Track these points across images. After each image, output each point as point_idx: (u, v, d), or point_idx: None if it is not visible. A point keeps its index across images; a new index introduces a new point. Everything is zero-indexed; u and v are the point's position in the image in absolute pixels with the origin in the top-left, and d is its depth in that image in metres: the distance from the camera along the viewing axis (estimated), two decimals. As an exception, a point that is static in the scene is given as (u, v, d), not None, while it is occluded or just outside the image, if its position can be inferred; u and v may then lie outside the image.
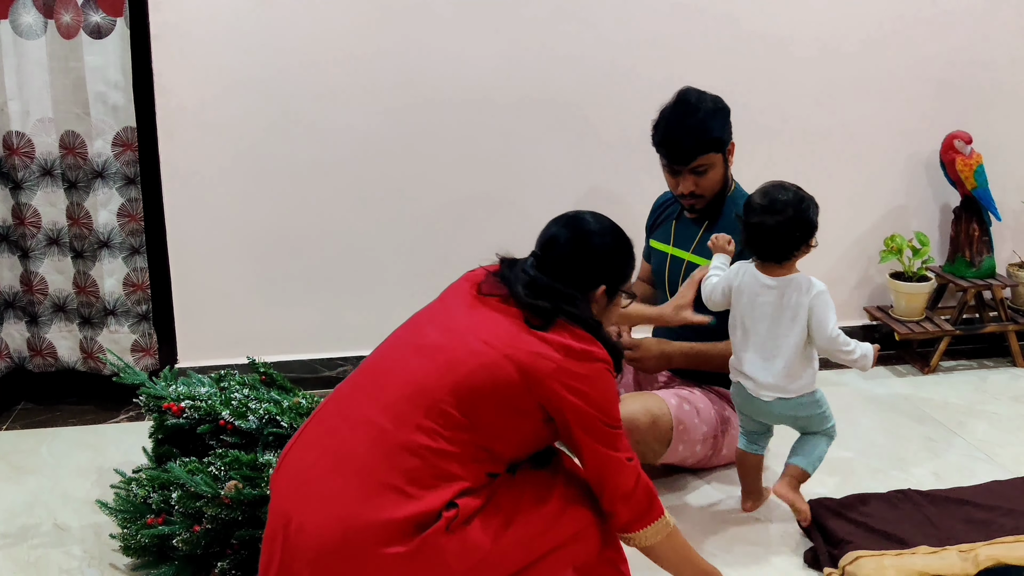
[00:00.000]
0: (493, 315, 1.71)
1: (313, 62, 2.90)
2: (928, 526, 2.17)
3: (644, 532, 1.76)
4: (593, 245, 1.79)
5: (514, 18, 2.96)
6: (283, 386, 2.42)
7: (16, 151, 2.76)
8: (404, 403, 1.63)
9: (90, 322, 2.92)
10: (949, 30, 3.21)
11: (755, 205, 2.08)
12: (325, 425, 1.71)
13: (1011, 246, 3.47)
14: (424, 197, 3.07)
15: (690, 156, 2.37)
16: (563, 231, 1.80)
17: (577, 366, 1.66)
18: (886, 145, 3.30)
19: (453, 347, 1.67)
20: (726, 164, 2.45)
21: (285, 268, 3.05)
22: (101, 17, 2.69)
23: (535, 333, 1.66)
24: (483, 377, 1.62)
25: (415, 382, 1.65)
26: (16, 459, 2.65)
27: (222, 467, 2.03)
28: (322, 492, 1.60)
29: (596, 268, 1.79)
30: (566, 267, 1.77)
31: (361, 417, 1.66)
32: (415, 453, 1.59)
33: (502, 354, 1.63)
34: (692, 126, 2.36)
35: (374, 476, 1.58)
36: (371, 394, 1.68)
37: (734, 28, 3.09)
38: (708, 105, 2.39)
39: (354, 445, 1.62)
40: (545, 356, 1.64)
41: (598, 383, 1.68)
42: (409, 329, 1.81)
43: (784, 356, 2.11)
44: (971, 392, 3.08)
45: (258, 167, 2.96)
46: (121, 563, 2.13)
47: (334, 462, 1.63)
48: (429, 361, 1.67)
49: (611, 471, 1.72)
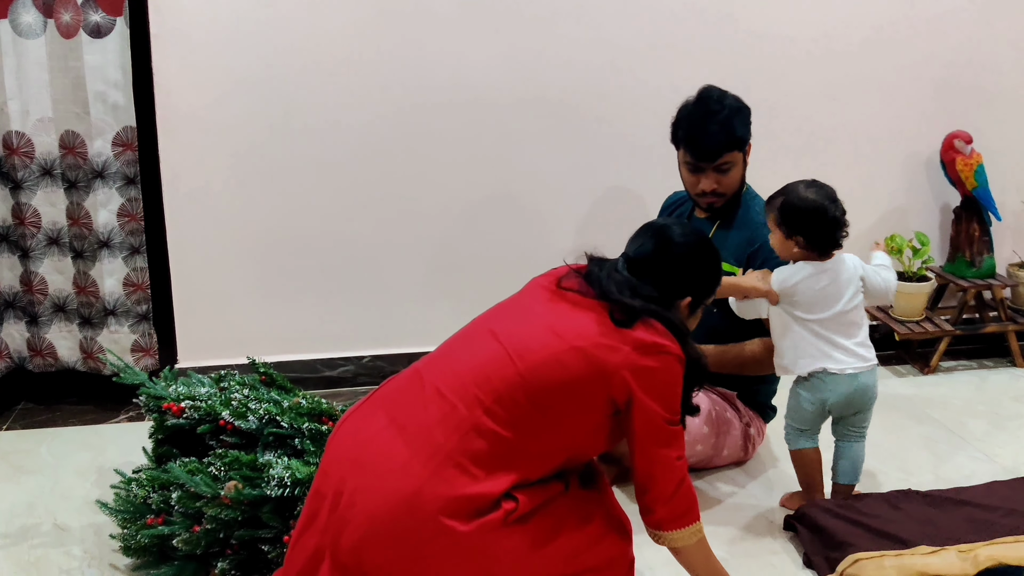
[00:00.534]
0: (570, 308, 1.73)
1: (313, 62, 2.90)
2: (928, 526, 2.17)
3: (678, 533, 1.78)
4: (685, 257, 1.82)
5: (514, 19, 2.96)
6: (283, 386, 2.42)
7: (16, 151, 2.76)
8: (475, 386, 1.65)
9: (90, 322, 2.92)
10: (949, 30, 3.22)
11: (821, 203, 2.16)
12: (394, 397, 1.74)
13: (1011, 246, 3.47)
14: (424, 197, 3.07)
15: (716, 153, 2.38)
16: (654, 240, 1.82)
17: (647, 359, 1.67)
18: (886, 145, 3.30)
19: (525, 336, 1.69)
20: (744, 164, 2.47)
21: (285, 268, 3.05)
22: (101, 16, 2.69)
23: (613, 328, 1.68)
24: (552, 368, 1.64)
25: (487, 367, 1.67)
26: (16, 459, 2.65)
27: (222, 467, 2.03)
28: (387, 459, 1.62)
29: (686, 279, 1.82)
30: (656, 275, 1.79)
31: (433, 392, 1.68)
32: (482, 435, 1.61)
33: (572, 346, 1.65)
34: (718, 123, 2.37)
35: (442, 451, 1.60)
36: (444, 373, 1.71)
37: (734, 28, 3.09)
38: (732, 103, 2.41)
39: (424, 418, 1.65)
40: (615, 348, 1.66)
41: (667, 377, 1.70)
42: (486, 317, 1.83)
43: (862, 327, 2.22)
44: (971, 392, 3.09)
45: (258, 167, 2.96)
46: (121, 563, 2.13)
47: (401, 432, 1.65)
48: (501, 348, 1.69)
49: (662, 470, 1.74)
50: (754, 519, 2.34)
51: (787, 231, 2.18)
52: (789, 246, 2.19)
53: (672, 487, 1.74)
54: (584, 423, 1.69)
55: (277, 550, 1.94)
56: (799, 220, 2.16)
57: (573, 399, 1.66)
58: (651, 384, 1.68)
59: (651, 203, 2.81)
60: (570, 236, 3.14)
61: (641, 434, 1.70)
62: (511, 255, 3.11)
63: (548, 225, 3.15)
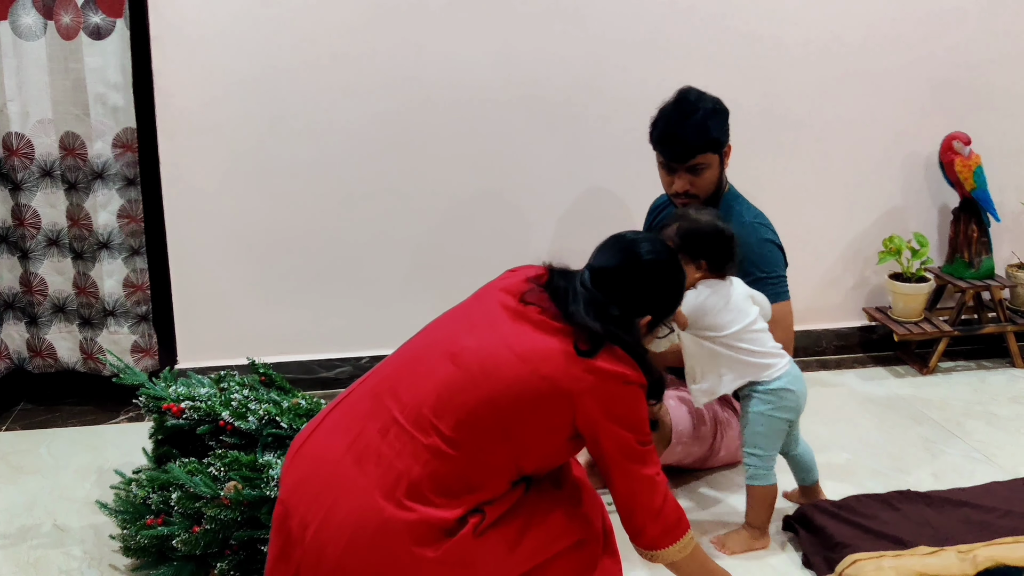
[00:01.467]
0: (533, 330, 1.68)
1: (313, 63, 2.90)
2: (927, 527, 2.17)
3: (672, 548, 1.77)
4: (650, 274, 1.77)
5: (510, 17, 2.96)
6: (282, 387, 2.42)
7: (16, 152, 2.76)
8: (433, 414, 1.63)
9: (90, 323, 2.92)
10: (948, 30, 3.22)
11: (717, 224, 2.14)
12: (350, 421, 1.71)
13: (1010, 247, 3.47)
14: (423, 197, 3.07)
15: (688, 154, 2.38)
16: (621, 255, 1.78)
17: (612, 388, 1.66)
18: (885, 146, 3.30)
19: (486, 360, 1.65)
20: (722, 166, 2.46)
21: (285, 269, 3.06)
22: (101, 18, 2.70)
23: (576, 357, 1.64)
24: (514, 394, 1.62)
25: (447, 391, 1.64)
26: (16, 459, 2.65)
27: (222, 468, 2.03)
28: (350, 494, 1.61)
29: (649, 297, 1.77)
30: (619, 290, 1.74)
31: (390, 419, 1.66)
32: (442, 462, 1.60)
33: (539, 374, 1.62)
34: (692, 124, 2.37)
35: (403, 481, 1.59)
36: (401, 397, 1.68)
37: (731, 28, 3.09)
38: (708, 105, 2.40)
39: (383, 447, 1.63)
40: (580, 378, 1.63)
41: (632, 403, 1.69)
42: (443, 330, 1.78)
43: (769, 337, 2.20)
44: (970, 393, 3.09)
45: (258, 168, 2.96)
46: (121, 564, 2.13)
47: (360, 462, 1.63)
48: (463, 371, 1.65)
49: (642, 489, 1.73)
50: (753, 520, 2.35)
51: (690, 257, 2.11)
52: (691, 272, 2.11)
53: (658, 503, 1.74)
54: (544, 446, 1.69)
55: (277, 550, 1.94)
56: (702, 244, 2.11)
57: (534, 424, 1.64)
58: (616, 412, 1.67)
59: (643, 202, 2.81)
60: (570, 235, 3.14)
61: (616, 459, 1.70)
62: (510, 254, 3.08)
63: (548, 224, 3.15)
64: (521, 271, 1.84)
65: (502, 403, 1.62)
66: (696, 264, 2.12)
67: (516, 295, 1.75)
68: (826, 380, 3.21)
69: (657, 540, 1.76)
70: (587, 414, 1.65)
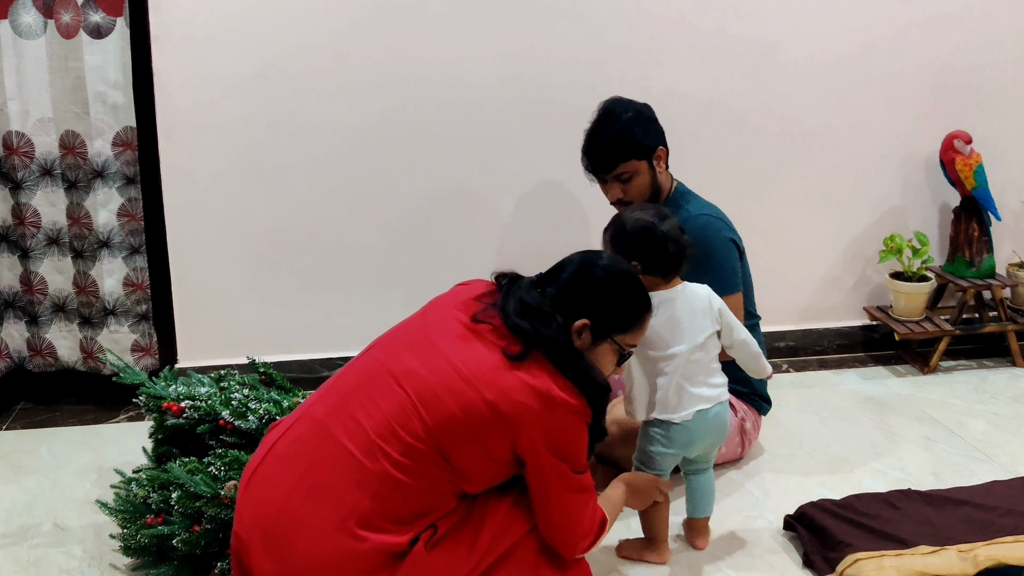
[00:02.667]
0: (479, 347, 1.67)
1: (313, 62, 2.90)
2: (928, 526, 2.17)
3: (597, 543, 1.83)
4: (590, 275, 1.76)
5: (509, 18, 2.96)
6: (283, 386, 2.42)
7: (16, 151, 2.76)
8: (380, 439, 1.63)
9: (90, 322, 2.92)
10: (949, 30, 3.21)
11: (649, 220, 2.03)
12: (299, 451, 1.69)
13: (1011, 246, 3.47)
14: (424, 196, 3.07)
15: (610, 164, 2.40)
16: (573, 258, 1.80)
17: (555, 419, 1.65)
18: (886, 145, 3.30)
19: (436, 383, 1.64)
20: (653, 170, 2.44)
21: (285, 268, 3.05)
22: (101, 17, 2.69)
23: (515, 371, 1.63)
24: (461, 421, 1.62)
25: (392, 418, 1.64)
26: (16, 459, 2.65)
27: (222, 467, 2.03)
28: (304, 530, 1.61)
29: (584, 298, 1.74)
30: (559, 291, 1.74)
31: (339, 448, 1.65)
32: (392, 489, 1.61)
33: (483, 398, 1.62)
34: (611, 135, 2.38)
35: (355, 513, 1.61)
36: (348, 424, 1.67)
37: (731, 29, 3.08)
38: (630, 113, 2.41)
39: (332, 479, 1.63)
40: (525, 406, 1.62)
41: (572, 434, 1.69)
42: (387, 350, 1.77)
43: (717, 370, 2.10)
44: (970, 392, 3.09)
45: (258, 167, 2.96)
46: (121, 563, 2.13)
47: (311, 496, 1.63)
48: (406, 397, 1.65)
49: (578, 511, 1.76)
50: (754, 519, 2.34)
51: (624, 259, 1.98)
52: None
53: (587, 523, 1.78)
54: (486, 471, 1.69)
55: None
56: (630, 242, 2.01)
57: (478, 451, 1.65)
58: (558, 445, 1.67)
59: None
60: (570, 235, 3.13)
61: (554, 489, 1.71)
62: (510, 253, 3.11)
63: (548, 224, 3.15)
64: (473, 285, 1.84)
65: (447, 428, 1.62)
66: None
67: (469, 313, 1.74)
68: (827, 379, 3.21)
69: (587, 549, 1.81)
70: (527, 442, 1.65)
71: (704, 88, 3.12)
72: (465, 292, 1.82)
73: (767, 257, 3.11)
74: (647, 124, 2.42)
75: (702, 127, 3.14)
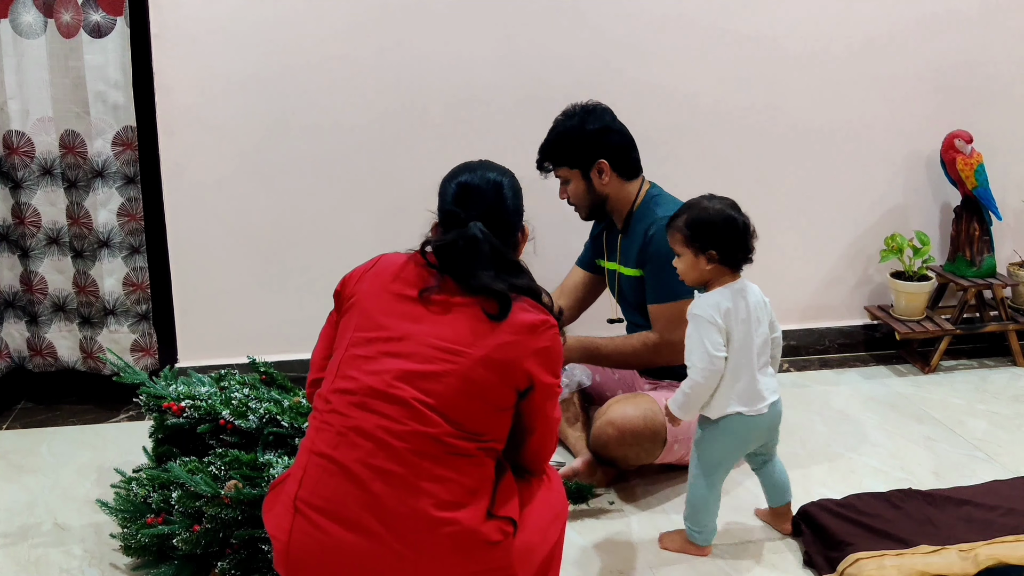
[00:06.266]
0: (445, 319, 1.66)
1: (313, 61, 2.90)
2: (928, 526, 2.17)
3: None
4: (509, 188, 1.84)
5: (511, 17, 2.96)
6: (283, 385, 2.42)
7: (16, 150, 2.76)
8: (407, 441, 1.58)
9: (90, 322, 2.92)
10: (949, 29, 3.21)
11: (728, 212, 2.04)
12: (327, 497, 1.59)
13: (1012, 245, 3.47)
14: (424, 195, 3.06)
15: (541, 166, 2.52)
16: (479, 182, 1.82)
17: (541, 340, 1.67)
18: (886, 144, 3.30)
19: (427, 375, 1.62)
20: (588, 181, 2.49)
21: (285, 267, 3.05)
22: (101, 16, 2.69)
23: (492, 324, 1.64)
24: (466, 388, 1.61)
25: (400, 424, 1.59)
26: (16, 459, 2.65)
27: (222, 467, 2.03)
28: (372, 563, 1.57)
29: (518, 212, 1.83)
30: (497, 222, 1.76)
31: (365, 471, 1.58)
32: (436, 481, 1.58)
33: (474, 359, 1.62)
34: (549, 139, 2.50)
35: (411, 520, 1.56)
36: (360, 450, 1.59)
37: (733, 27, 3.08)
38: (571, 123, 2.46)
39: (374, 503, 1.57)
40: (512, 343, 1.64)
41: (555, 349, 1.70)
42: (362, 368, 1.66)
43: (768, 358, 2.12)
44: (971, 391, 3.08)
45: (258, 166, 2.96)
46: (121, 563, 2.13)
47: (361, 530, 1.56)
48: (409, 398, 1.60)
49: (552, 431, 1.79)
50: (754, 517, 2.34)
51: (698, 247, 2.02)
52: (700, 265, 2.03)
53: (555, 440, 1.83)
54: (502, 419, 1.68)
55: (277, 549, 1.94)
56: (710, 232, 2.01)
57: (490, 407, 1.64)
58: (548, 362, 1.69)
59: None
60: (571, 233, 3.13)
61: (543, 407, 1.72)
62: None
63: (548, 223, 3.14)
64: (393, 257, 1.83)
65: (457, 404, 1.61)
66: (706, 255, 2.02)
67: (414, 286, 1.71)
68: (828, 379, 3.21)
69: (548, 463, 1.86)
70: (524, 374, 1.65)
71: (705, 86, 3.12)
72: (391, 266, 1.80)
73: (768, 257, 3.08)
74: (575, 140, 2.45)
75: (703, 125, 3.14)
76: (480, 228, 1.71)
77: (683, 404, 2.06)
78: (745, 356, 2.04)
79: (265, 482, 1.97)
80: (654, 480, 2.51)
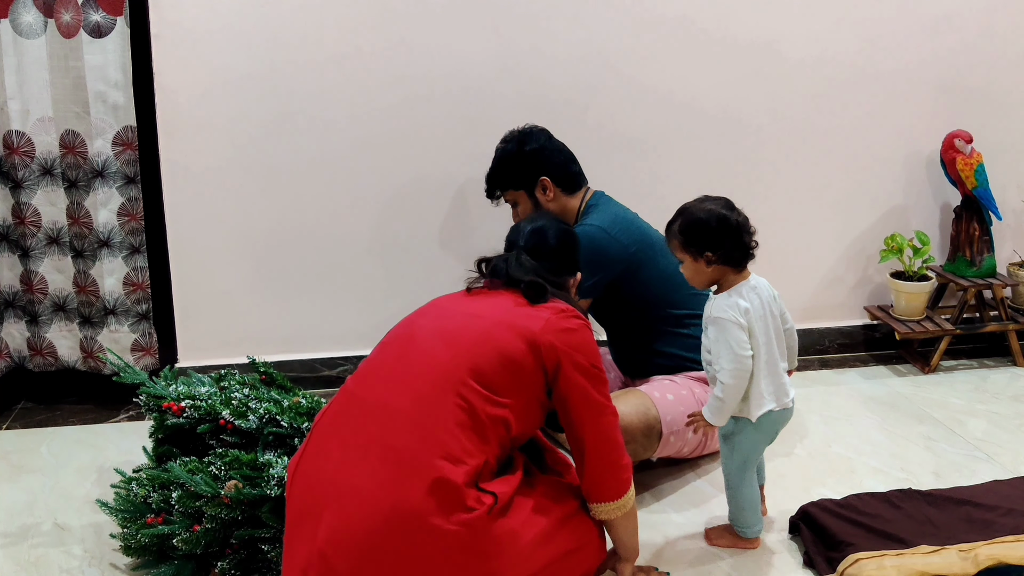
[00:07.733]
0: (489, 300, 1.89)
1: (312, 60, 2.90)
2: (928, 526, 2.17)
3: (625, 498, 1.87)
4: (572, 239, 2.08)
5: (511, 17, 2.96)
6: (283, 385, 2.42)
7: (16, 150, 2.76)
8: (432, 388, 1.74)
9: (90, 321, 2.92)
10: (949, 30, 3.21)
11: (719, 211, 2.02)
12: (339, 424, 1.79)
13: (1012, 245, 3.47)
14: (425, 195, 3.07)
15: (490, 194, 2.66)
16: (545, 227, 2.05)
17: (568, 323, 1.83)
18: (887, 144, 3.30)
19: (463, 331, 1.81)
20: (534, 199, 2.60)
21: (285, 267, 3.05)
22: (101, 16, 2.69)
23: (528, 305, 1.85)
24: (496, 350, 1.77)
25: (437, 368, 1.76)
26: (16, 459, 2.65)
27: (222, 467, 2.03)
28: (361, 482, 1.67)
29: (574, 258, 2.08)
30: (550, 258, 2.01)
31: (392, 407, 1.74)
32: (447, 431, 1.69)
33: (504, 324, 1.80)
34: (491, 169, 2.63)
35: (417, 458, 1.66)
36: (395, 388, 1.77)
37: (733, 27, 3.08)
38: (510, 148, 2.59)
39: (384, 434, 1.71)
40: (538, 317, 1.82)
41: (583, 335, 1.84)
42: (404, 332, 1.91)
43: (784, 354, 2.12)
44: (971, 391, 3.08)
45: (258, 166, 2.96)
46: (121, 563, 2.13)
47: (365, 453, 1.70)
48: (444, 348, 1.79)
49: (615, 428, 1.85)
50: (754, 518, 2.34)
51: (695, 250, 2.01)
52: (702, 267, 2.02)
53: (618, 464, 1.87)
54: (528, 401, 1.80)
55: (277, 550, 1.94)
56: (704, 234, 2.00)
57: (513, 377, 1.77)
58: (574, 343, 1.81)
59: (642, 203, 2.79)
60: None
61: (578, 389, 1.81)
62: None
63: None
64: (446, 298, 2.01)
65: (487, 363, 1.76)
66: (705, 258, 2.01)
67: (462, 295, 1.96)
68: (828, 379, 3.21)
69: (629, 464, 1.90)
70: (550, 349, 1.79)
71: (705, 87, 3.12)
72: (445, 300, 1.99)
73: (768, 256, 3.09)
74: (518, 159, 2.58)
75: (703, 126, 3.14)
76: (519, 254, 1.98)
77: (718, 409, 2.04)
78: (769, 351, 2.05)
79: (265, 482, 1.97)
80: (654, 476, 2.51)
